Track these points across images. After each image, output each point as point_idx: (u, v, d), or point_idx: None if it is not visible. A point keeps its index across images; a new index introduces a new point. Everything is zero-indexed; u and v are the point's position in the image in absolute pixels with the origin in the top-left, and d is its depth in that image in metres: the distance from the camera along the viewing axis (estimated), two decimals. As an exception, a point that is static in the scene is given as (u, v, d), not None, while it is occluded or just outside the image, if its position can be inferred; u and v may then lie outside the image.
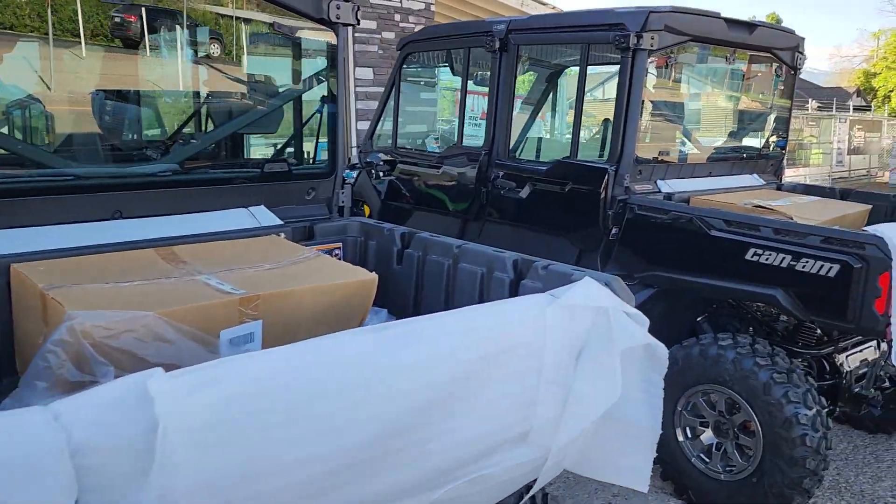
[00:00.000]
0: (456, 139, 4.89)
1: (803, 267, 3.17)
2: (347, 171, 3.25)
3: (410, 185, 5.23)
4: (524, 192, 4.34)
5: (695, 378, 3.50)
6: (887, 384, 4.10)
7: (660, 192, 4.08)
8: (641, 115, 3.93)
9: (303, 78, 3.21)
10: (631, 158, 3.88)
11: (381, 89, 6.14)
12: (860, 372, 3.80)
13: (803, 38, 4.66)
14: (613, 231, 3.91)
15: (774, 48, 4.51)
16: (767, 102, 4.88)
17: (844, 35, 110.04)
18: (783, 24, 4.52)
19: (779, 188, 4.79)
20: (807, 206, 4.07)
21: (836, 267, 3.07)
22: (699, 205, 4.04)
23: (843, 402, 3.78)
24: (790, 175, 21.14)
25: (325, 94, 3.04)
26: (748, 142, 4.83)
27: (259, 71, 3.69)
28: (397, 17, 9.79)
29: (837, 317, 3.11)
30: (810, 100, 28.39)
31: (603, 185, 3.89)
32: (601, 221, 3.92)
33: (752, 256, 3.34)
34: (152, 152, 3.24)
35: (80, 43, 3.64)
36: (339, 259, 2.86)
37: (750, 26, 4.25)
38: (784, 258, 3.23)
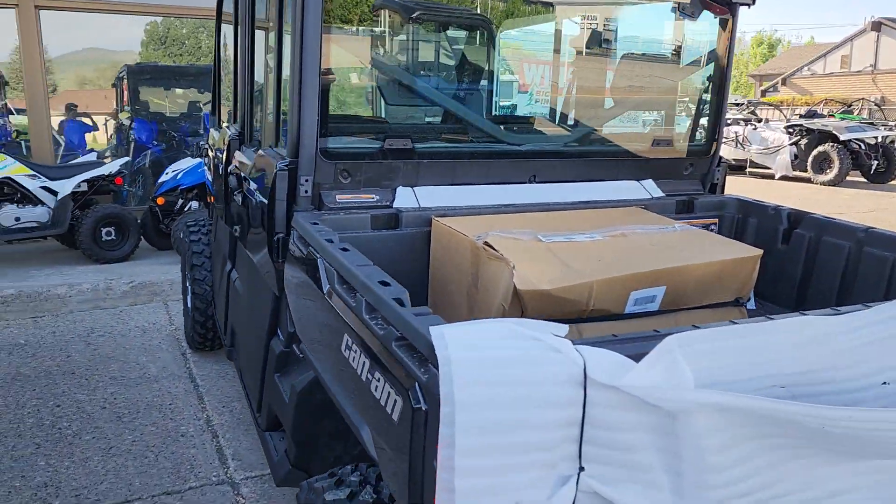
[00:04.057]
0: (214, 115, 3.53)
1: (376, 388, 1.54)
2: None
3: (218, 182, 3.99)
4: (239, 198, 2.94)
5: (315, 541, 1.98)
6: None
7: (389, 206, 2.49)
8: (325, 72, 2.36)
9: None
10: (312, 147, 2.35)
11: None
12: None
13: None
14: None
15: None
16: (673, 62, 2.95)
17: None
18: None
19: (688, 205, 2.89)
20: (618, 244, 2.26)
21: (399, 402, 1.42)
22: (436, 232, 2.41)
23: None
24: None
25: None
26: (634, 127, 2.97)
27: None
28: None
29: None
30: None
31: (270, 193, 2.41)
32: (271, 252, 2.46)
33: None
34: None
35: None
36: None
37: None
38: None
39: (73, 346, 5.05)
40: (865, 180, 16.13)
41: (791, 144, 16.32)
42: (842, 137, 15.39)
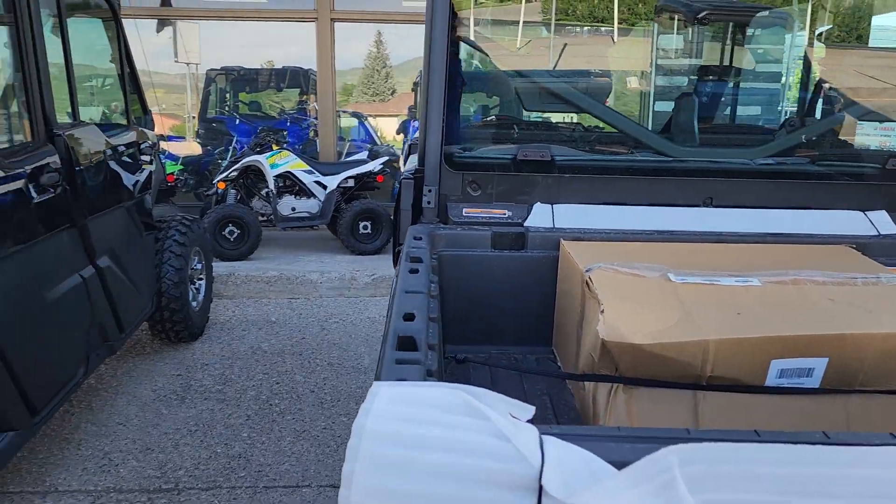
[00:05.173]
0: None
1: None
2: None
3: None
4: (401, 203, 2.88)
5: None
6: None
7: (520, 224, 2.23)
8: (454, 79, 2.16)
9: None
10: (437, 155, 2.19)
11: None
12: None
13: None
14: None
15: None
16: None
17: None
18: None
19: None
20: (778, 295, 1.72)
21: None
22: (562, 257, 2.08)
23: None
24: None
25: None
26: (864, 138, 2.29)
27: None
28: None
29: None
30: None
31: (396, 202, 2.31)
32: (394, 264, 2.35)
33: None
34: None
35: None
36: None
37: None
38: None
39: (309, 329, 5.52)
40: None
41: None
42: None
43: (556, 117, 2.73)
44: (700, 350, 1.55)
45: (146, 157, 4.53)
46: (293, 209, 7.15)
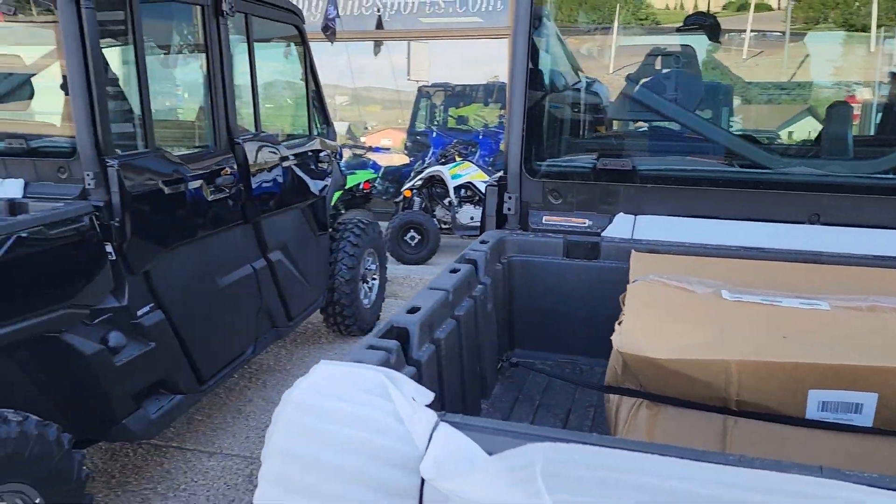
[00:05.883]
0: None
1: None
2: None
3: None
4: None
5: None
6: None
7: (596, 233, 2.19)
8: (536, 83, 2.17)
9: None
10: (517, 163, 2.23)
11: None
12: None
13: None
14: None
15: None
16: None
17: None
18: None
19: None
20: (843, 321, 1.54)
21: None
22: (630, 268, 2.02)
23: None
24: None
25: None
26: None
27: None
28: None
29: None
30: None
31: (483, 208, 2.38)
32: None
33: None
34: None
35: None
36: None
37: None
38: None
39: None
40: None
41: None
42: None
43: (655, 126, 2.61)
44: (722, 371, 1.45)
45: (323, 165, 5.00)
46: (472, 218, 7.41)
